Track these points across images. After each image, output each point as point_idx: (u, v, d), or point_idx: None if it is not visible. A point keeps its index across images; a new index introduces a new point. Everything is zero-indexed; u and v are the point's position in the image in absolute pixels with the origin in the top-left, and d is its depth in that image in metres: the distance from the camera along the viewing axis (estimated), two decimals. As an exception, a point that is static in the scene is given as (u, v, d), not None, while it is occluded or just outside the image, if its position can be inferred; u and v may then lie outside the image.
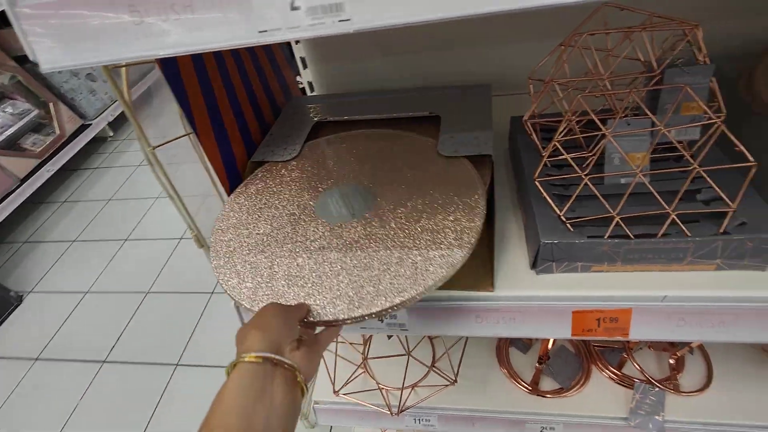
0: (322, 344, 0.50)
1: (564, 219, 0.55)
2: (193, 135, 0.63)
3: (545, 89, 0.58)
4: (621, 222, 0.52)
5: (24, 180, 2.29)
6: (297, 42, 0.96)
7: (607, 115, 0.58)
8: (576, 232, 0.54)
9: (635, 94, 0.53)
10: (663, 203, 0.51)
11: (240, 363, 0.42)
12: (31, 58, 0.34)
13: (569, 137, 0.60)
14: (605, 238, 0.53)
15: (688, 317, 0.54)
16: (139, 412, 1.48)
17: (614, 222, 0.52)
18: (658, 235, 0.52)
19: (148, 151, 0.57)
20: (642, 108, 0.51)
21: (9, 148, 2.31)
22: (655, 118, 0.50)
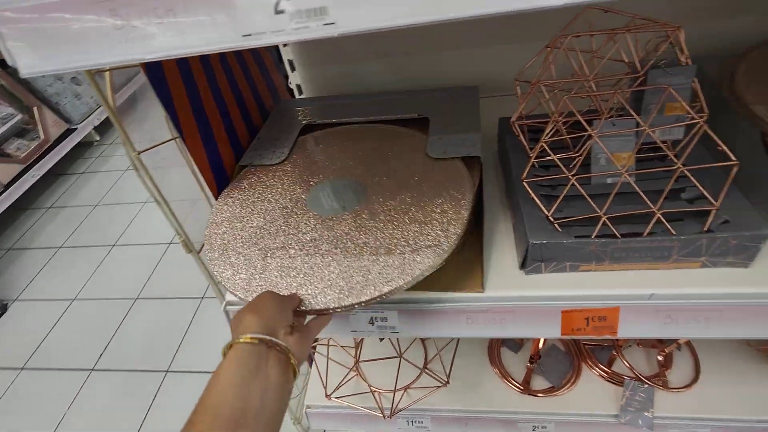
0: (313, 331, 0.52)
1: (552, 219, 0.55)
2: (180, 139, 0.63)
3: (532, 91, 0.58)
4: (608, 221, 0.53)
5: (8, 186, 2.25)
6: (285, 45, 0.95)
7: (593, 116, 0.59)
8: (564, 232, 0.54)
9: (620, 95, 0.53)
10: (648, 202, 0.51)
11: (236, 344, 0.44)
12: (9, 63, 0.34)
13: (556, 138, 0.60)
14: (592, 237, 0.53)
15: (675, 314, 0.55)
16: (128, 420, 1.45)
17: (601, 222, 0.53)
18: (644, 234, 0.52)
19: (133, 156, 0.56)
20: (627, 109, 0.51)
21: (-8, 153, 2.27)
22: (640, 118, 0.51)
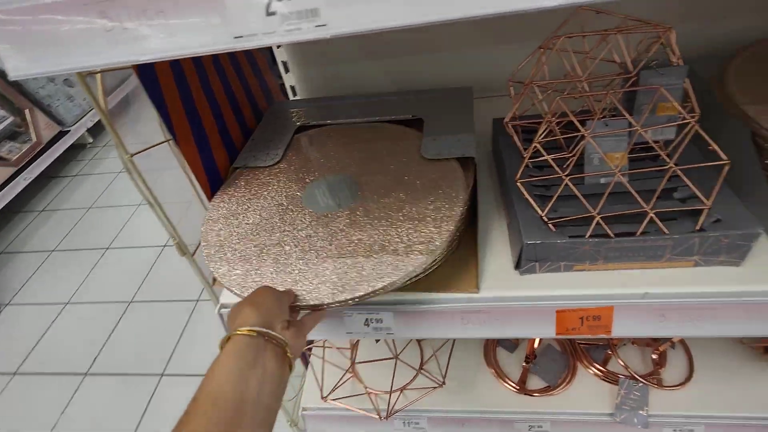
0: (307, 326, 0.53)
1: (546, 219, 0.55)
2: (173, 141, 0.62)
3: (525, 91, 0.58)
4: (601, 221, 0.53)
5: (0, 188, 2.23)
6: (278, 46, 0.95)
7: (586, 116, 0.59)
8: (558, 232, 0.55)
9: (612, 95, 0.53)
10: (641, 202, 0.52)
11: (235, 335, 0.44)
12: (-2, 65, 0.33)
13: (550, 138, 0.60)
14: (586, 237, 0.53)
15: (669, 313, 0.55)
16: (123, 425, 1.44)
17: (595, 221, 0.53)
18: (637, 233, 0.53)
19: (125, 158, 0.56)
20: (619, 109, 0.52)
21: (-17, 156, 2.24)
22: (632, 118, 0.51)
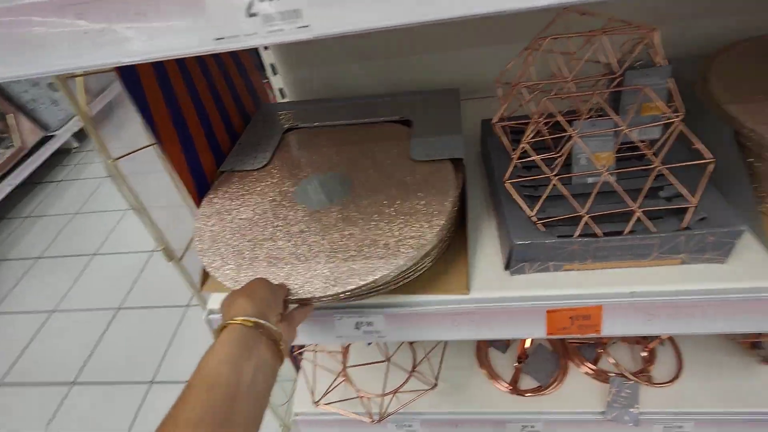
0: (296, 320, 0.53)
1: (535, 220, 0.55)
2: (157, 145, 0.61)
3: (512, 92, 0.58)
4: (590, 221, 0.53)
5: (-18, 195, 2.19)
6: (266, 48, 0.94)
7: (573, 116, 0.59)
8: (547, 232, 0.55)
9: (598, 95, 0.54)
10: (629, 201, 0.52)
11: (230, 324, 0.44)
12: (-29, 69, 0.32)
13: (538, 139, 0.60)
14: (575, 237, 0.54)
15: (656, 311, 0.55)
16: (112, 434, 1.41)
17: (583, 221, 0.53)
18: (625, 232, 0.53)
19: (109, 163, 0.55)
20: (606, 109, 0.52)
21: (-35, 162, 2.20)
22: (618, 118, 0.51)
